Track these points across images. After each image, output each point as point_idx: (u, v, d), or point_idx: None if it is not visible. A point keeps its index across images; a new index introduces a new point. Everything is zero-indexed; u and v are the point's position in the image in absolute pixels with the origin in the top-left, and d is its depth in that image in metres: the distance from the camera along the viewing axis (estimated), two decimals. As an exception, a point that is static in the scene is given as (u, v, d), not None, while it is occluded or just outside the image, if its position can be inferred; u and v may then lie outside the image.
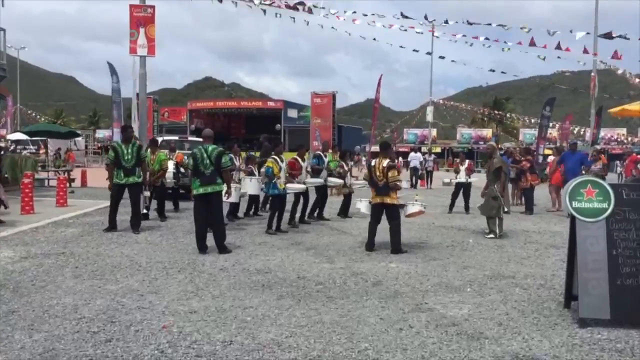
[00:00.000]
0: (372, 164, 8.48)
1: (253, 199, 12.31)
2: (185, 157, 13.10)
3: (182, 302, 5.48)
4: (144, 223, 10.27)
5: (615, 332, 4.73)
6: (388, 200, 8.33)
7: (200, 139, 10.53)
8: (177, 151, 13.39)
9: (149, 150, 12.02)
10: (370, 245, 8.42)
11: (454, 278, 6.70)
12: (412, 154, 25.30)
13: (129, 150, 9.74)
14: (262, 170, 10.20)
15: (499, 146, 43.43)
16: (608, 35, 17.89)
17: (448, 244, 9.12)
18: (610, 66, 20.36)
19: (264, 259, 7.63)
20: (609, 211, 5.08)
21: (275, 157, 10.17)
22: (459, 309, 5.40)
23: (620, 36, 17.52)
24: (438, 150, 56.81)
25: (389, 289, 6.11)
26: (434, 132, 55.62)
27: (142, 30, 17.16)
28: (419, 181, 23.75)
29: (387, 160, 8.36)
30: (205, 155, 8.11)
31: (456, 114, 63.07)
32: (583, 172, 12.89)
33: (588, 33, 17.53)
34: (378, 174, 8.32)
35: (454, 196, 14.08)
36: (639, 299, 4.87)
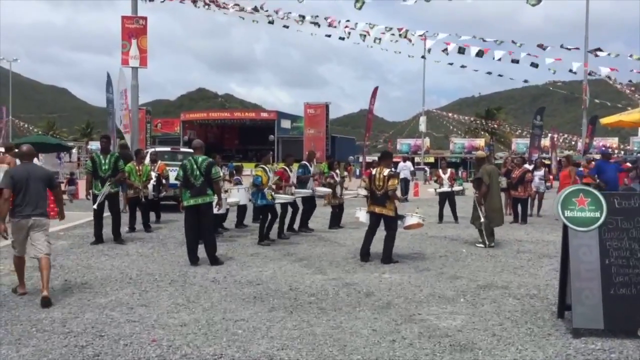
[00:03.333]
0: (373, 173, 8.48)
1: (241, 209, 12.23)
2: (168, 168, 12.98)
3: (172, 314, 5.42)
4: (136, 235, 10.19)
5: (609, 342, 4.70)
6: (384, 212, 8.31)
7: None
8: (159, 162, 13.12)
9: (134, 161, 11.90)
10: (365, 255, 8.38)
11: (447, 288, 6.66)
12: (401, 164, 22.88)
13: (106, 161, 9.79)
14: (251, 180, 10.14)
15: (493, 155, 43.61)
16: (598, 51, 18.17)
17: (441, 254, 9.09)
18: (600, 76, 20.57)
19: (256, 271, 7.57)
20: (601, 220, 5.07)
21: (264, 166, 10.14)
22: (452, 319, 5.36)
23: (609, 54, 17.83)
24: (431, 160, 56.95)
25: (382, 300, 6.07)
26: (427, 142, 55.77)
27: (134, 41, 17.20)
28: (410, 193, 22.73)
29: (388, 170, 8.36)
30: (195, 166, 8.05)
31: (448, 124, 63.25)
32: (626, 182, 12.54)
33: (577, 48, 17.84)
34: (378, 183, 8.31)
35: (440, 206, 14.06)
36: (633, 309, 4.85)
